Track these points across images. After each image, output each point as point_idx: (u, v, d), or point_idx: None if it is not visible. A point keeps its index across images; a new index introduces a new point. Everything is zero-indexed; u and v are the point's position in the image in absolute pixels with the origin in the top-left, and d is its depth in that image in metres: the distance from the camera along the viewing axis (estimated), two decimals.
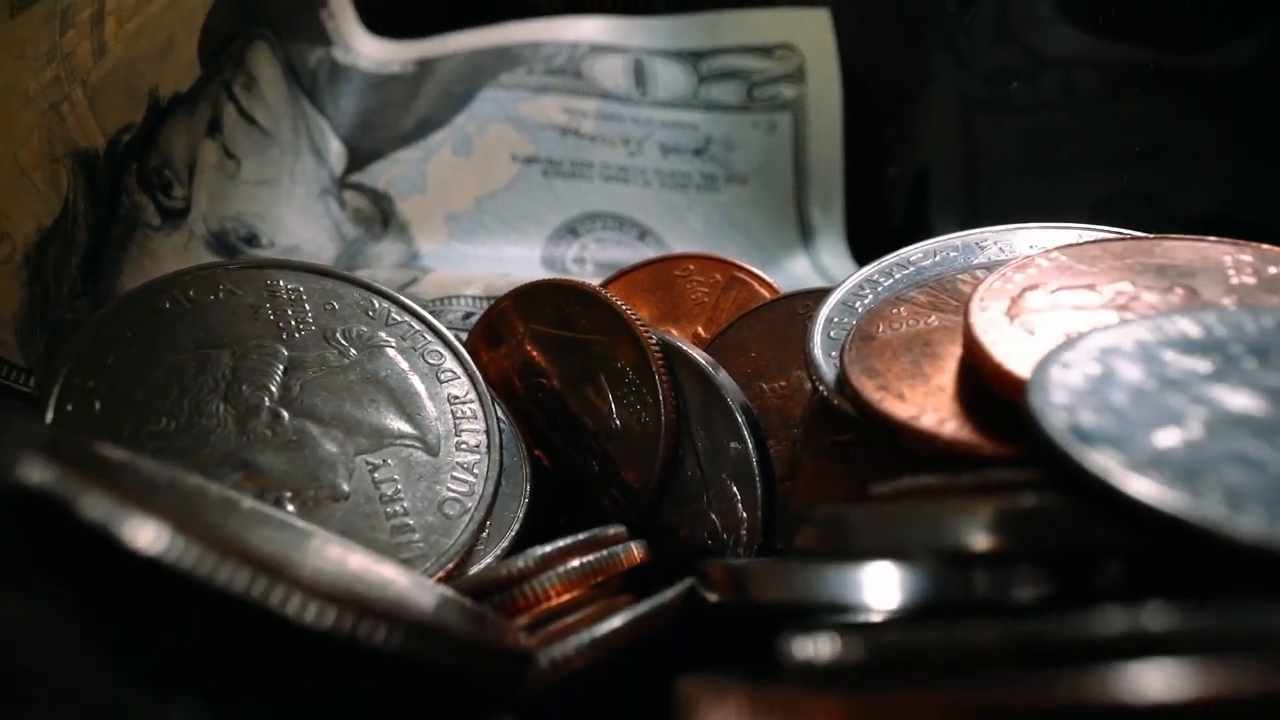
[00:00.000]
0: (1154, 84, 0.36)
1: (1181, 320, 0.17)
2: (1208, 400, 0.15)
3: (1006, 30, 0.40)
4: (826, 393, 0.22)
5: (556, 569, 0.19)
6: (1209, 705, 0.10)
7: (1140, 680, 0.10)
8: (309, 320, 0.24)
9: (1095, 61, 0.38)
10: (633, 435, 0.26)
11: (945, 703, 0.10)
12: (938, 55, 0.42)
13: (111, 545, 0.11)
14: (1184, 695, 0.10)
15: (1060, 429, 0.14)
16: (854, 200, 0.44)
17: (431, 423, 0.23)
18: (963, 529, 0.14)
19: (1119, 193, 0.37)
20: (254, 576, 0.11)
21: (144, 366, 0.21)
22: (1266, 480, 0.13)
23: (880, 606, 0.14)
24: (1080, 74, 0.38)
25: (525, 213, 0.40)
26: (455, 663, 0.12)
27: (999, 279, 0.21)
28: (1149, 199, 0.36)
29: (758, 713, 0.11)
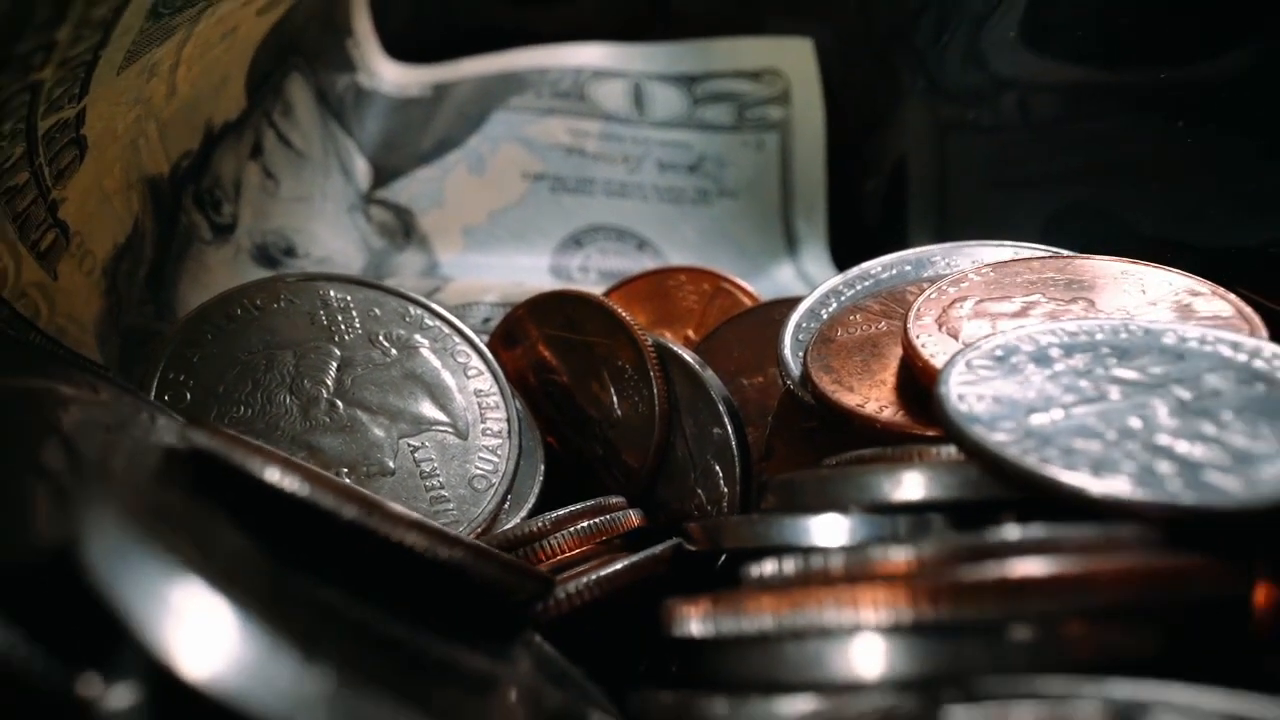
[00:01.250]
0: (1107, 105, 0.40)
1: (1068, 326, 0.22)
2: (1076, 389, 0.20)
3: (974, 57, 0.45)
4: (793, 387, 0.27)
5: (569, 528, 0.24)
6: (1063, 582, 0.14)
7: (1020, 567, 0.15)
8: (356, 325, 0.28)
9: (1052, 85, 0.42)
10: (631, 423, 0.30)
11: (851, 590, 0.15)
12: (911, 80, 0.46)
13: (261, 487, 0.15)
14: (1048, 575, 0.14)
15: (956, 412, 0.19)
16: (836, 212, 0.49)
17: (461, 412, 0.28)
18: (886, 487, 0.19)
19: (1070, 208, 0.41)
20: (359, 508, 0.15)
21: (222, 364, 0.26)
22: (1100, 448, 0.17)
23: (821, 546, 0.19)
24: (1038, 97, 0.43)
25: (534, 225, 0.45)
26: (500, 577, 0.16)
27: (935, 291, 0.26)
28: (1098, 213, 0.40)
29: (718, 610, 0.16)
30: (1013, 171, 0.43)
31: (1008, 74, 0.44)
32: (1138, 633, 0.15)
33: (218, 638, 0.11)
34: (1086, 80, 0.41)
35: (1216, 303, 0.23)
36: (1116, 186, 0.38)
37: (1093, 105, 0.41)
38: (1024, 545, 0.16)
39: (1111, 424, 0.18)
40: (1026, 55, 0.43)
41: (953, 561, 0.15)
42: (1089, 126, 0.41)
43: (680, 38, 0.49)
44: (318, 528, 0.15)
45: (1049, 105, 0.43)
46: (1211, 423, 0.18)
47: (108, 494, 0.13)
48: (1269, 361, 0.19)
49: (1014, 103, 0.43)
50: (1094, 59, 0.40)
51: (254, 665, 0.10)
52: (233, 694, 0.10)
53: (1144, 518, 0.16)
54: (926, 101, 0.46)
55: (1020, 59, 0.43)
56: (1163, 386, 0.19)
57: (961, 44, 0.45)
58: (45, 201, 0.26)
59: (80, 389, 0.19)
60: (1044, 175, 0.42)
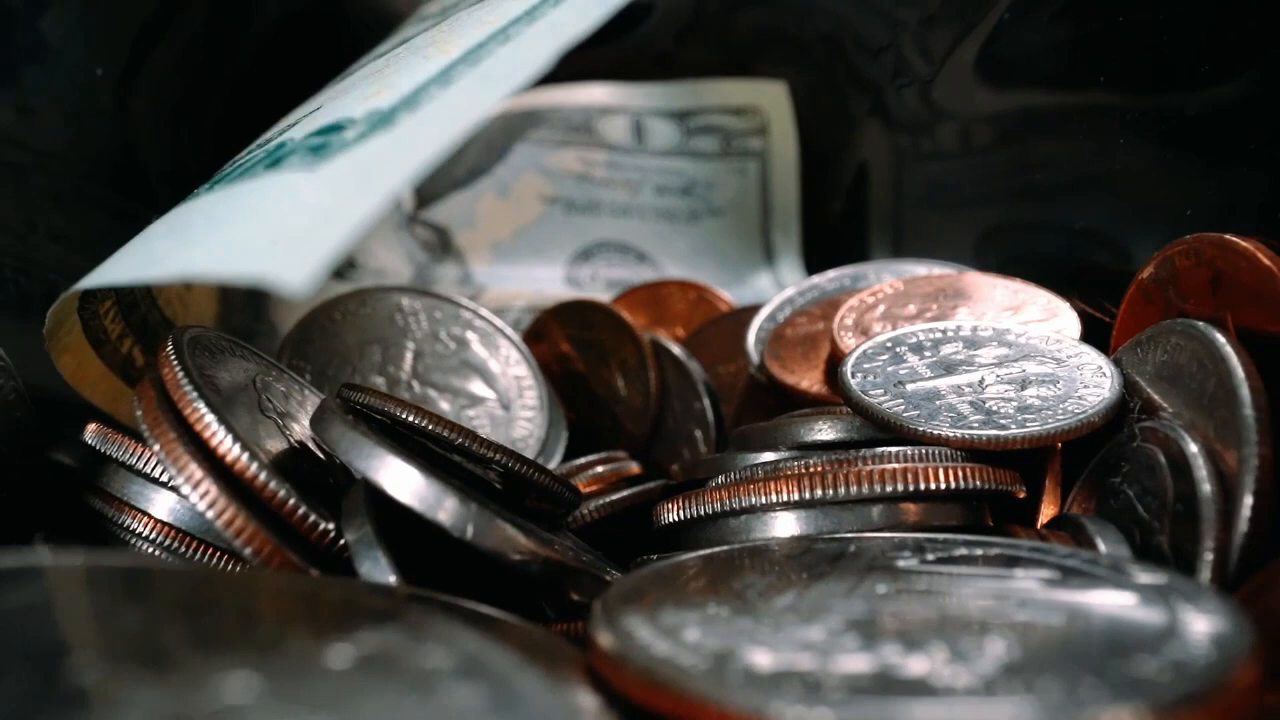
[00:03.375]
0: (1037, 133, 0.51)
1: (939, 326, 0.32)
2: (935, 368, 0.30)
3: (923, 96, 0.55)
4: (754, 372, 0.37)
5: (587, 471, 0.34)
6: (900, 473, 0.25)
7: (878, 467, 0.25)
8: (424, 324, 0.39)
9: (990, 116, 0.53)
10: (633, 402, 0.41)
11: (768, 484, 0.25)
12: (870, 115, 0.57)
13: (400, 421, 0.26)
14: (892, 469, 0.25)
15: (848, 383, 0.29)
16: (807, 228, 0.59)
17: (504, 391, 0.38)
18: (803, 432, 0.30)
19: (999, 226, 0.52)
20: (464, 434, 0.26)
21: (328, 354, 0.37)
22: (938, 405, 0.28)
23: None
24: (975, 127, 0.53)
25: (551, 242, 0.55)
26: (554, 485, 0.27)
27: (857, 300, 0.36)
28: (1013, 232, 0.51)
29: (684, 503, 0.26)
30: (950, 195, 0.53)
31: (949, 109, 0.54)
32: (945, 510, 0.25)
33: (413, 485, 0.21)
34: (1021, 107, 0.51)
35: (1047, 307, 0.34)
36: (1028, 209, 0.49)
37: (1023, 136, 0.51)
38: (883, 456, 0.26)
39: (952, 391, 0.29)
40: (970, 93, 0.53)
41: (836, 466, 0.26)
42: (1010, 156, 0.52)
43: (675, 79, 0.59)
44: (439, 447, 0.26)
45: (981, 137, 0.53)
46: (1015, 389, 0.28)
47: (325, 406, 0.24)
48: (1059, 348, 0.30)
49: (953, 134, 0.54)
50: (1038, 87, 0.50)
51: (434, 497, 0.21)
52: (426, 511, 0.21)
53: (953, 445, 0.26)
54: (882, 134, 0.57)
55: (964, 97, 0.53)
56: (990, 367, 0.30)
57: (913, 85, 0.56)
58: None
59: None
60: (975, 199, 0.53)
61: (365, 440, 0.22)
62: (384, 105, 0.18)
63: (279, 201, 0.16)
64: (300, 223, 0.14)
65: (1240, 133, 0.34)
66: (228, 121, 0.51)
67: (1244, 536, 0.21)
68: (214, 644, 0.12)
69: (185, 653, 0.11)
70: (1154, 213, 0.41)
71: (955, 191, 0.54)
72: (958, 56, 0.52)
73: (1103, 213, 0.40)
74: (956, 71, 0.52)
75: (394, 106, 0.17)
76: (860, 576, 0.20)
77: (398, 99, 0.18)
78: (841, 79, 0.58)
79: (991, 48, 0.51)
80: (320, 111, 0.23)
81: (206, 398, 0.23)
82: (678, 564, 0.22)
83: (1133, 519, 0.24)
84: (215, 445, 0.22)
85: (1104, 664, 0.14)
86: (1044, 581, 0.19)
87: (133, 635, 0.12)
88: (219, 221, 0.17)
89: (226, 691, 0.11)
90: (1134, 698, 0.13)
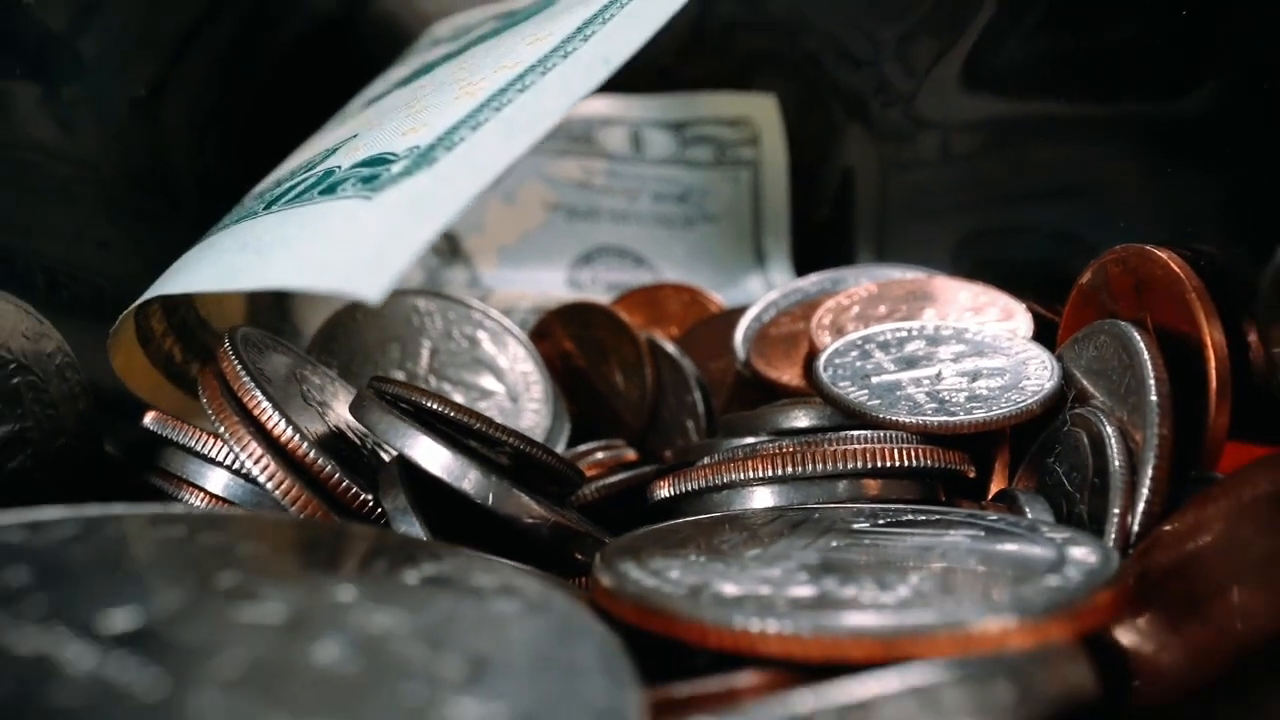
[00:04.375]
0: (1009, 144, 0.55)
1: (905, 325, 0.36)
2: (899, 363, 0.34)
3: (905, 109, 0.59)
4: (741, 368, 0.42)
5: (588, 457, 0.38)
6: (864, 452, 0.29)
7: (842, 447, 0.29)
8: (438, 324, 0.43)
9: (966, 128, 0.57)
10: (630, 396, 0.45)
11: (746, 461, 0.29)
12: (855, 129, 0.61)
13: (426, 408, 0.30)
14: (856, 449, 0.29)
15: (821, 376, 0.34)
16: (797, 233, 0.63)
17: (513, 385, 0.42)
18: (781, 420, 0.34)
19: (974, 232, 0.56)
20: (483, 421, 0.30)
21: (353, 350, 0.41)
22: (899, 395, 0.32)
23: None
24: (952, 139, 0.58)
25: (554, 246, 0.60)
26: (554, 464, 0.31)
27: (834, 301, 0.41)
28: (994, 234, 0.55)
29: (677, 481, 0.30)
30: (929, 202, 0.57)
31: (928, 121, 0.58)
32: (901, 486, 0.30)
33: (442, 460, 0.25)
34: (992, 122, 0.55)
35: (1005, 309, 0.38)
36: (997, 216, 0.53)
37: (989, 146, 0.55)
38: (847, 439, 0.30)
39: (912, 383, 0.33)
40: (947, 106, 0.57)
41: (806, 447, 0.30)
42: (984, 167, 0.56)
43: (671, 91, 0.63)
44: (458, 431, 0.30)
45: (958, 147, 0.58)
46: (967, 380, 0.33)
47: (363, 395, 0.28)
48: (1010, 345, 0.34)
49: (931, 145, 0.58)
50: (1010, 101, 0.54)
51: (459, 470, 0.25)
52: (453, 482, 0.25)
53: (908, 430, 0.30)
54: (866, 144, 0.61)
55: (941, 111, 0.58)
56: (947, 362, 0.34)
57: (894, 99, 0.60)
58: None
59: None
60: (952, 206, 0.57)
61: (400, 423, 0.26)
62: (422, 143, 0.22)
63: (344, 225, 0.20)
64: (368, 245, 0.18)
65: (1198, 143, 0.38)
66: (251, 130, 0.55)
67: (1145, 503, 0.25)
68: (317, 566, 0.16)
69: (298, 571, 0.15)
70: (1109, 220, 0.45)
71: (934, 199, 0.58)
72: (935, 73, 0.56)
73: (1062, 220, 0.44)
74: (934, 86, 0.56)
75: (432, 145, 0.21)
76: (818, 535, 0.24)
77: (434, 138, 0.22)
78: (827, 93, 0.62)
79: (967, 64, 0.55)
80: (358, 140, 0.27)
81: (262, 387, 0.27)
82: (669, 526, 0.26)
83: (1061, 493, 0.28)
84: (271, 428, 0.27)
85: (994, 589, 0.18)
86: (969, 537, 0.23)
87: (257, 558, 0.16)
88: (293, 240, 0.21)
89: (335, 595, 0.15)
90: (1009, 611, 0.17)
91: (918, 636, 0.16)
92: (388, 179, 0.21)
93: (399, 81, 0.37)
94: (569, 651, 0.14)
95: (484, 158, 0.20)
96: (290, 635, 0.13)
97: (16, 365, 0.31)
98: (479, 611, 0.16)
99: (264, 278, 0.20)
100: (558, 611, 0.16)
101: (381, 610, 0.15)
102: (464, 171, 0.20)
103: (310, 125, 0.47)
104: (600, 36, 0.23)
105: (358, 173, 0.23)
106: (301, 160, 0.32)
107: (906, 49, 0.56)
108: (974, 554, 0.21)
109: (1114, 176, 0.44)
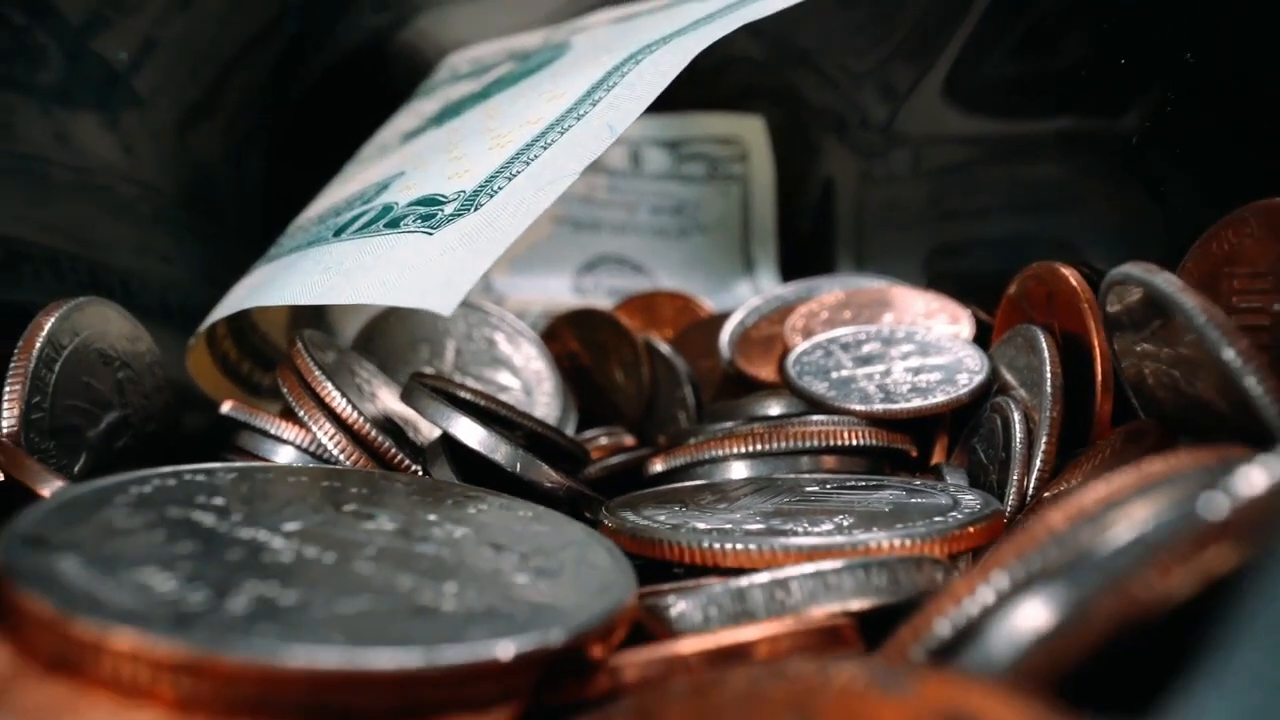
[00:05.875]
0: (970, 162, 0.62)
1: (864, 329, 0.44)
2: (856, 360, 0.42)
3: (882, 130, 0.67)
4: (726, 366, 0.49)
5: (593, 442, 0.46)
6: (822, 433, 0.37)
7: (805, 427, 0.37)
8: (460, 327, 0.51)
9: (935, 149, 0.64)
10: (629, 391, 0.52)
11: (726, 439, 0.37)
12: (835, 148, 0.68)
13: (458, 396, 0.38)
14: (814, 429, 0.36)
15: (789, 372, 0.41)
16: (783, 242, 0.71)
17: (527, 381, 0.50)
18: (757, 408, 0.41)
19: (936, 243, 0.63)
20: (507, 408, 0.37)
21: (388, 349, 0.48)
22: (852, 386, 0.40)
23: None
24: (923, 157, 0.65)
25: (560, 256, 0.67)
26: (565, 444, 0.38)
27: (807, 307, 0.48)
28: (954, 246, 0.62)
29: (669, 458, 0.38)
30: (901, 214, 0.65)
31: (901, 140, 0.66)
32: (853, 463, 0.37)
33: (479, 436, 0.33)
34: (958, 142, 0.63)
35: (953, 314, 0.46)
36: (956, 229, 0.60)
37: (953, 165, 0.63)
38: (808, 422, 0.38)
39: (865, 377, 0.40)
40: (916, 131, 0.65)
41: (773, 429, 0.37)
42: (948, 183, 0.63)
43: (668, 112, 0.71)
44: (487, 416, 0.38)
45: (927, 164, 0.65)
46: (911, 374, 0.40)
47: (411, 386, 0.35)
48: (952, 345, 0.41)
49: (904, 163, 0.65)
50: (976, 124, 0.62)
51: (493, 444, 0.33)
52: (487, 453, 0.32)
53: (858, 415, 0.38)
54: (845, 161, 0.68)
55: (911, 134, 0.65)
56: (897, 359, 0.41)
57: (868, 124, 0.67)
58: None
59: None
60: (921, 219, 0.64)
61: (444, 407, 0.34)
62: (467, 189, 0.29)
63: (413, 255, 0.27)
64: (438, 272, 0.26)
65: (1143, 161, 0.46)
66: (285, 152, 0.63)
67: (1038, 470, 0.33)
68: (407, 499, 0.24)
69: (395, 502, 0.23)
70: (1048, 235, 0.53)
71: (904, 212, 0.66)
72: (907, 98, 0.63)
73: (1007, 235, 0.52)
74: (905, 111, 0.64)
75: (476, 191, 0.29)
76: (776, 495, 0.31)
77: (477, 185, 0.29)
78: (810, 115, 0.69)
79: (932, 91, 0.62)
80: (408, 179, 0.35)
81: (331, 378, 0.34)
82: (660, 489, 0.33)
83: (980, 466, 0.36)
84: (339, 410, 0.34)
85: (896, 524, 0.26)
86: (893, 495, 0.30)
87: (365, 495, 0.23)
88: (371, 266, 0.28)
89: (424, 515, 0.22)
90: (900, 535, 0.24)
91: (831, 550, 0.23)
92: (443, 219, 0.28)
93: (431, 118, 0.45)
94: (587, 552, 0.22)
95: (520, 206, 0.27)
96: (401, 538, 0.21)
97: (120, 363, 0.38)
98: (522, 529, 0.23)
99: (354, 295, 0.27)
100: (577, 530, 0.23)
101: (458, 526, 0.22)
102: (505, 216, 0.27)
103: (338, 147, 0.55)
104: (605, 104, 0.31)
105: (416, 210, 0.30)
106: (352, 191, 0.39)
107: (880, 78, 0.64)
108: (890, 504, 0.29)
109: (1051, 196, 0.52)
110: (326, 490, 0.23)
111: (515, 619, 0.17)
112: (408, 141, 0.43)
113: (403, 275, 0.26)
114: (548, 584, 0.20)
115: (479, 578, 0.19)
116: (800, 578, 0.21)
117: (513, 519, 0.24)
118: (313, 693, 0.14)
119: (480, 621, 0.17)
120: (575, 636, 0.17)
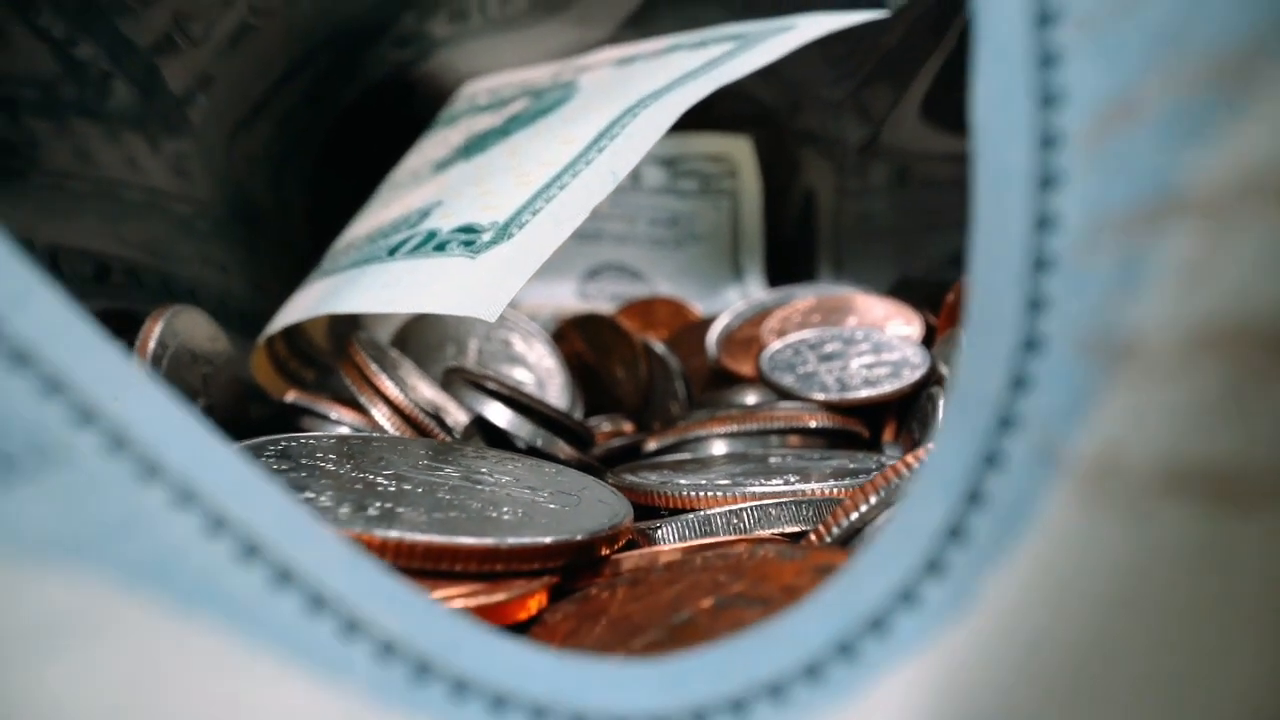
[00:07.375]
0: (937, 177, 0.72)
1: (829, 331, 0.53)
2: (818, 357, 0.51)
3: (859, 150, 0.76)
4: (711, 363, 0.58)
5: (597, 429, 0.55)
6: (782, 416, 0.46)
7: (774, 412, 0.46)
8: (481, 329, 0.60)
9: (906, 164, 0.74)
10: (628, 386, 0.62)
11: (708, 423, 0.46)
12: (820, 165, 0.78)
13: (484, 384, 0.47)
14: (778, 414, 0.46)
15: (764, 369, 0.50)
16: (769, 252, 0.80)
17: (540, 375, 0.59)
18: (738, 399, 0.51)
19: (899, 253, 0.72)
20: (526, 395, 0.47)
21: (420, 347, 0.58)
22: (816, 379, 0.49)
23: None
24: (900, 168, 0.74)
25: (566, 263, 0.76)
26: (574, 427, 0.48)
27: (783, 312, 0.57)
28: (913, 255, 0.71)
29: (662, 438, 0.47)
30: (874, 226, 0.74)
31: (877, 157, 0.75)
32: (814, 443, 0.46)
33: (506, 417, 0.42)
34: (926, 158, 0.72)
35: (907, 319, 0.55)
36: (921, 240, 0.69)
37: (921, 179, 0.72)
38: (775, 409, 0.47)
39: (826, 372, 0.50)
40: (885, 145, 0.74)
41: (747, 414, 0.47)
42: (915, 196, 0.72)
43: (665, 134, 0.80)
44: (510, 403, 0.47)
45: (898, 179, 0.74)
46: (865, 369, 0.49)
47: (449, 378, 0.45)
48: (902, 345, 0.50)
49: (880, 177, 0.75)
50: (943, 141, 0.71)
51: (517, 424, 0.42)
52: (514, 432, 0.42)
53: (816, 403, 0.47)
54: (824, 176, 0.78)
55: (881, 149, 0.74)
56: (854, 356, 0.50)
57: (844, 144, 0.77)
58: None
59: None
60: (904, 227, 0.74)
61: (477, 393, 0.43)
62: (500, 220, 0.38)
63: (460, 274, 0.36)
64: (482, 287, 0.35)
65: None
66: (319, 169, 0.73)
67: None
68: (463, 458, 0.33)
69: (454, 458, 0.32)
70: None
71: (876, 223, 0.75)
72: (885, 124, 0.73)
73: (955, 247, 0.61)
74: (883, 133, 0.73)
75: (507, 223, 0.38)
76: (744, 463, 0.41)
77: (507, 217, 0.38)
78: (791, 136, 0.79)
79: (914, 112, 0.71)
80: (446, 207, 0.44)
81: (386, 372, 0.44)
82: (653, 461, 0.43)
83: (914, 444, 0.45)
84: (393, 398, 0.43)
85: (830, 479, 0.35)
86: (837, 464, 0.40)
87: (424, 454, 0.33)
88: (426, 283, 0.37)
89: (480, 468, 0.32)
90: (829, 485, 0.34)
91: (778, 495, 0.33)
92: (481, 245, 0.37)
93: (459, 150, 0.54)
94: (597, 491, 0.31)
95: (543, 237, 0.36)
96: (465, 480, 0.30)
97: (204, 360, 0.48)
98: (549, 478, 0.32)
99: (414, 306, 0.36)
100: (589, 479, 0.33)
101: (503, 474, 0.31)
102: (532, 245, 0.36)
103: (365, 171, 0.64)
104: (609, 151, 0.40)
105: (458, 237, 0.39)
106: (396, 214, 0.49)
107: (858, 102, 0.73)
108: (829, 468, 0.38)
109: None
110: (403, 451, 0.33)
111: (550, 525, 0.27)
112: (439, 171, 0.52)
113: (453, 290, 0.36)
114: (570, 509, 0.29)
115: (523, 504, 0.28)
116: (749, 509, 0.30)
117: (541, 471, 0.33)
118: (429, 559, 0.23)
119: (527, 525, 0.26)
120: (589, 538, 0.26)
